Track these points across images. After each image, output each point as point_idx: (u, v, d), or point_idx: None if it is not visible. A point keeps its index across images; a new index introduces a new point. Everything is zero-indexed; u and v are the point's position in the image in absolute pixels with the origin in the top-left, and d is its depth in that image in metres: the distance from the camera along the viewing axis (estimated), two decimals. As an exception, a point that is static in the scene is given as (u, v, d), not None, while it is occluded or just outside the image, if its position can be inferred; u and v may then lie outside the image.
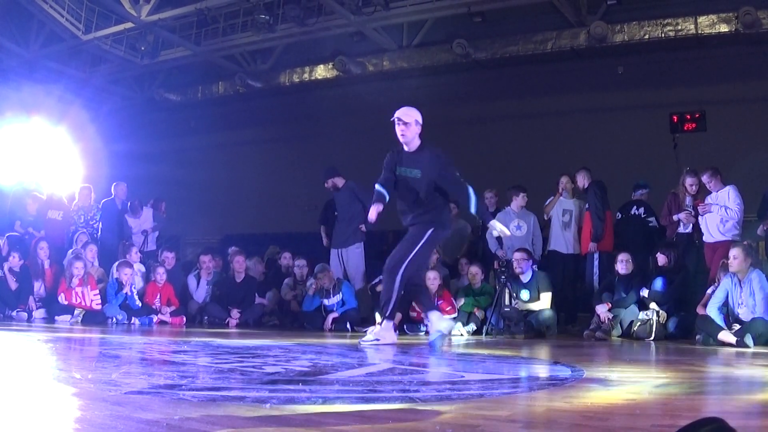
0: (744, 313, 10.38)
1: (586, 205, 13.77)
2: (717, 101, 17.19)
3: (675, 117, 17.70)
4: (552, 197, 14.40)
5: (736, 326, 10.23)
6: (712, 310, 10.45)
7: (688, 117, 17.73)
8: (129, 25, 18.25)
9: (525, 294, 12.56)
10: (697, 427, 1.76)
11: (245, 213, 21.75)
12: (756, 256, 11.17)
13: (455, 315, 12.68)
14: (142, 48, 19.08)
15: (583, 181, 13.87)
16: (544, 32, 17.57)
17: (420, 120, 9.78)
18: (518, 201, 14.26)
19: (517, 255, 12.84)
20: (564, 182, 14.28)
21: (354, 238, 14.47)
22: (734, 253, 10.58)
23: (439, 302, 12.62)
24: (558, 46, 17.48)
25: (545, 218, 14.40)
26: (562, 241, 14.17)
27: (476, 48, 18.00)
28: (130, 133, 21.99)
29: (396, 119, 9.64)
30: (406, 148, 9.81)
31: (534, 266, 13.29)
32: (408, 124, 9.60)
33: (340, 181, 14.77)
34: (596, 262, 13.58)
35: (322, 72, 20.09)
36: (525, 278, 12.73)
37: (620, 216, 14.24)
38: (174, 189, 19.72)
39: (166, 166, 20.86)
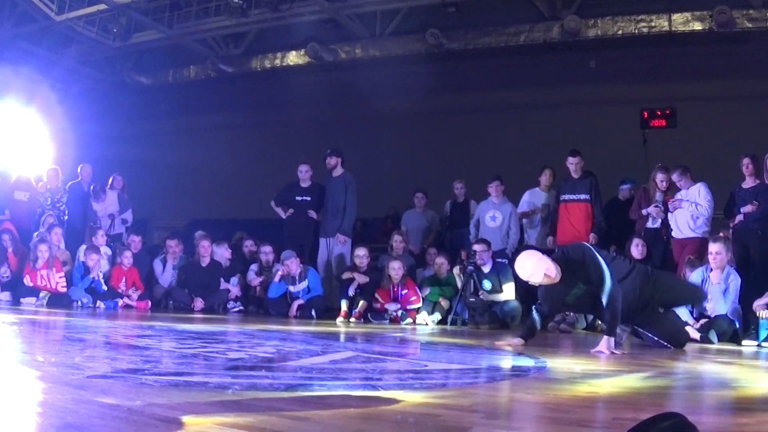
0: (710, 308, 10.42)
1: (563, 197, 13.71)
2: (688, 98, 17.29)
3: (645, 113, 17.80)
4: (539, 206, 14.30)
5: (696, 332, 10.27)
6: (681, 308, 10.46)
7: (659, 113, 17.83)
8: (102, 6, 18.09)
9: (487, 284, 12.56)
10: (657, 421, 1.77)
11: (213, 198, 21.73)
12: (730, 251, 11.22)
13: (419, 304, 12.73)
14: (114, 30, 18.98)
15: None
16: (518, 25, 17.52)
17: None
18: (493, 189, 14.23)
19: (477, 247, 12.82)
20: (548, 175, 14.22)
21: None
22: (717, 248, 10.59)
23: (403, 291, 12.67)
24: (531, 39, 17.46)
25: (532, 216, 14.29)
26: (542, 236, 14.12)
27: (449, 38, 17.95)
28: (99, 114, 21.85)
29: None
30: None
31: (504, 259, 13.33)
32: None
33: (339, 168, 14.69)
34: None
35: (294, 58, 20.01)
36: (486, 269, 12.73)
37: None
38: (142, 172, 19.62)
39: (135, 148, 20.74)
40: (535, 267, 8.21)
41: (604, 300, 7.99)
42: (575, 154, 13.69)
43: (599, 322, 10.75)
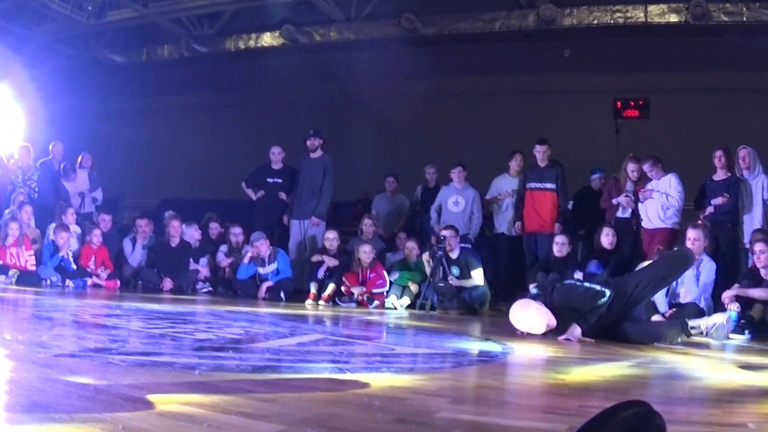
0: (682, 296, 10.46)
1: (529, 185, 13.74)
2: (662, 90, 17.35)
3: (619, 103, 17.84)
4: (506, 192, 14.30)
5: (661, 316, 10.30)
6: (659, 296, 10.45)
7: (632, 104, 17.88)
8: (77, -17, 18.00)
9: (455, 270, 12.59)
10: (621, 409, 1.79)
11: (185, 178, 21.64)
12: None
13: (387, 288, 12.76)
14: (89, 8, 18.85)
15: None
16: (494, 11, 17.48)
17: None
18: (455, 175, 14.23)
19: (446, 232, 12.82)
20: (519, 160, 14.23)
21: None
22: (695, 235, 10.60)
23: (371, 275, 12.68)
24: (506, 26, 17.44)
25: (500, 201, 14.28)
26: (510, 223, 14.14)
27: (424, 23, 17.90)
28: (72, 92, 21.71)
29: None
30: None
31: (467, 244, 13.37)
32: None
33: (319, 150, 14.64)
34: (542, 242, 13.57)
35: (268, 40, 19.93)
36: (453, 255, 12.75)
37: (573, 201, 14.29)
38: (114, 151, 19.54)
39: (108, 127, 20.65)
40: (535, 320, 8.17)
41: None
42: (543, 143, 13.74)
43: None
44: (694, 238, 10.61)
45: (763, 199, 11.87)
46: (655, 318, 10.04)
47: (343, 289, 12.77)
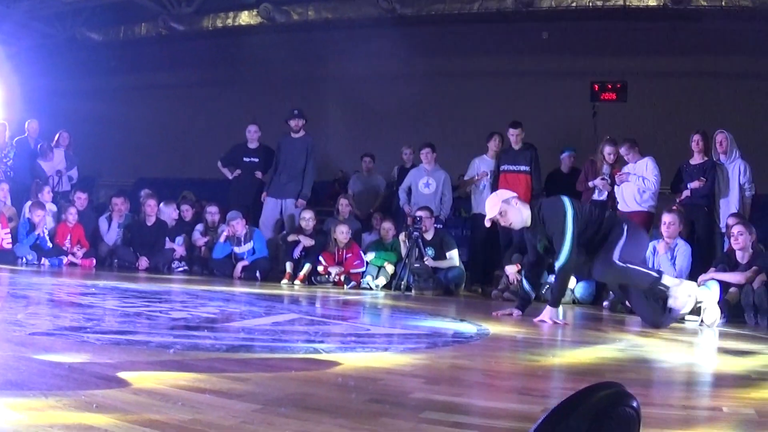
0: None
1: (503, 167, 13.75)
2: (639, 73, 17.34)
3: (596, 86, 17.83)
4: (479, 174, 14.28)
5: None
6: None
7: (609, 87, 17.87)
8: (55, -40, 17.90)
9: (430, 251, 12.61)
10: (595, 390, 1.79)
11: (161, 157, 21.57)
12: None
13: (363, 269, 12.77)
14: (67, -15, 18.78)
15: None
16: (472, -8, 17.50)
17: None
18: (425, 157, 14.23)
19: (421, 213, 12.80)
20: (497, 141, 14.22)
21: (295, 193, 14.36)
22: (670, 219, 10.65)
23: (347, 255, 12.69)
24: (485, 8, 17.39)
25: (477, 181, 14.26)
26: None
27: (402, 4, 17.83)
28: (49, 70, 21.59)
29: None
30: None
31: (439, 225, 13.39)
32: None
33: (302, 131, 14.53)
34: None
35: (246, 18, 19.84)
36: (428, 236, 12.76)
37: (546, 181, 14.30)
38: (91, 129, 19.44)
39: (85, 105, 20.54)
40: (491, 203, 8.32)
41: (556, 267, 8.05)
42: (516, 126, 13.71)
43: (544, 293, 10.81)
44: (669, 222, 10.66)
45: (739, 183, 11.94)
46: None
47: (320, 268, 12.77)
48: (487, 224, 8.77)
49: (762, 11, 15.16)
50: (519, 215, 8.22)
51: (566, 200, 8.14)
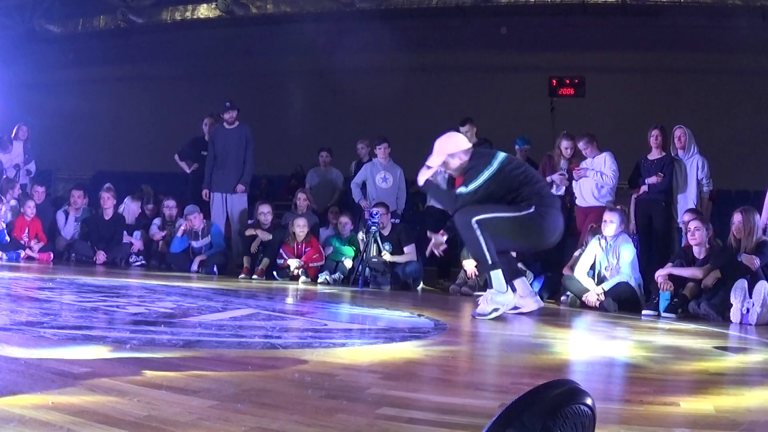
0: (609, 277, 10.58)
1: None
2: (597, 68, 17.49)
3: (554, 81, 17.93)
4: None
5: (601, 289, 10.38)
6: (581, 274, 10.59)
7: (567, 82, 17.99)
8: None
9: (388, 246, 12.63)
10: (551, 388, 1.81)
11: (120, 150, 21.47)
12: (627, 222, 11.35)
13: (322, 263, 12.75)
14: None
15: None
16: (432, -13, 17.54)
17: None
18: (381, 152, 14.22)
19: (378, 209, 12.79)
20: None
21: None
22: (610, 217, 10.68)
23: (306, 249, 12.69)
24: (443, 2, 17.47)
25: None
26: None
27: (361, -2, 17.92)
28: (7, 62, 21.44)
29: None
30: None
31: (395, 220, 13.39)
32: None
33: (236, 122, 14.42)
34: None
35: (204, 11, 19.81)
36: (386, 231, 12.77)
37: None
38: (49, 121, 19.30)
39: (43, 97, 20.40)
40: (438, 147, 8.51)
41: (456, 191, 8.17)
42: (465, 123, 13.71)
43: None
44: (609, 220, 10.68)
45: (697, 179, 12.00)
46: (589, 295, 10.21)
47: (280, 262, 12.76)
48: (422, 180, 8.71)
49: (719, 8, 15.30)
50: (458, 165, 8.33)
51: (496, 161, 8.14)
